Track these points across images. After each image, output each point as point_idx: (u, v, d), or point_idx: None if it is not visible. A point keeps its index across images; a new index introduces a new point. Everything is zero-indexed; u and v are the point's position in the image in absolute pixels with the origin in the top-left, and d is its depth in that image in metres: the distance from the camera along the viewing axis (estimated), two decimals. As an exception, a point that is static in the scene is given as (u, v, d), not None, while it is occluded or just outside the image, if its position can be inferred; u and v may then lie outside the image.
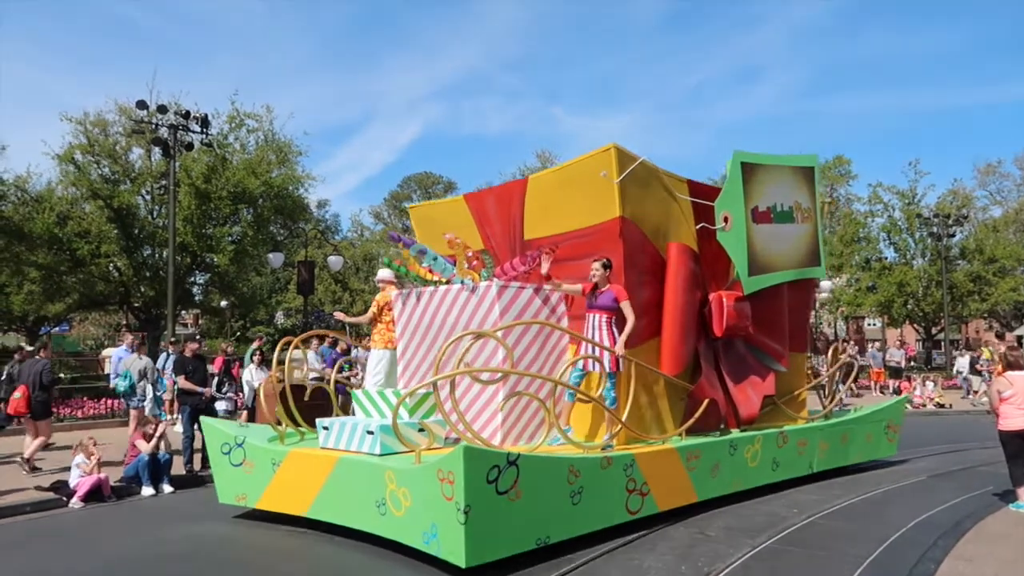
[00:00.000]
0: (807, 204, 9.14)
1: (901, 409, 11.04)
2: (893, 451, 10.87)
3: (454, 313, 7.64)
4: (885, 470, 10.17)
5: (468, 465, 5.26)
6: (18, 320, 30.59)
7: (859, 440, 10.13)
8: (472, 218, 8.85)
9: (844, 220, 38.72)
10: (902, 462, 10.72)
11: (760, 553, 6.05)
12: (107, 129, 24.71)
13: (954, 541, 6.36)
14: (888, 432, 10.69)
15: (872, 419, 10.42)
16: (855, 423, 10.10)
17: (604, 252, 7.43)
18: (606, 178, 7.16)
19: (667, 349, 7.68)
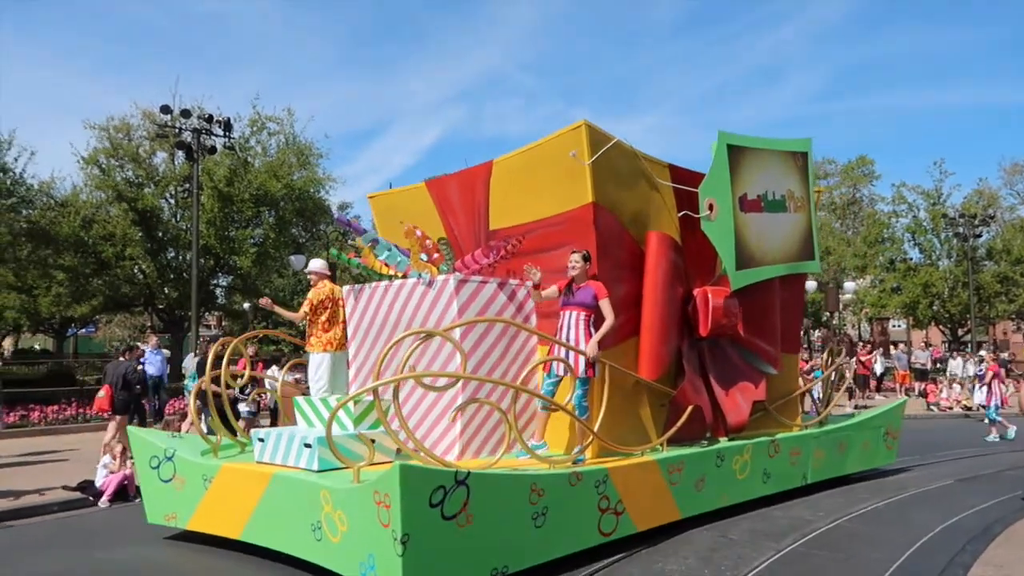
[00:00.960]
0: (800, 192, 8.41)
1: (900, 414, 10.32)
2: (892, 459, 10.16)
3: (409, 310, 6.87)
4: (910, 474, 9.93)
5: (406, 486, 4.49)
6: (45, 321, 31.61)
7: (856, 448, 9.41)
8: (435, 206, 8.08)
9: (867, 221, 38.21)
10: (928, 465, 10.48)
11: (784, 557, 5.94)
12: (131, 133, 25.40)
13: (983, 546, 6.17)
14: (887, 439, 9.98)
15: (870, 425, 9.70)
16: (852, 430, 9.37)
17: (575, 242, 6.67)
18: (576, 159, 6.41)
19: (646, 350, 6.92)
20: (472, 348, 6.50)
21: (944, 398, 20.39)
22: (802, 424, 8.81)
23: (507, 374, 6.70)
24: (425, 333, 5.67)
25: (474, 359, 6.51)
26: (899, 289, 35.31)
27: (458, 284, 6.51)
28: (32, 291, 26.60)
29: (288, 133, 26.70)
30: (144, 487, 7.06)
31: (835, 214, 40.58)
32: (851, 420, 9.58)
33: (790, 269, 8.27)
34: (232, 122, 20.71)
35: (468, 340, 6.49)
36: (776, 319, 8.26)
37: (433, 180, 8.10)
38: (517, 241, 6.87)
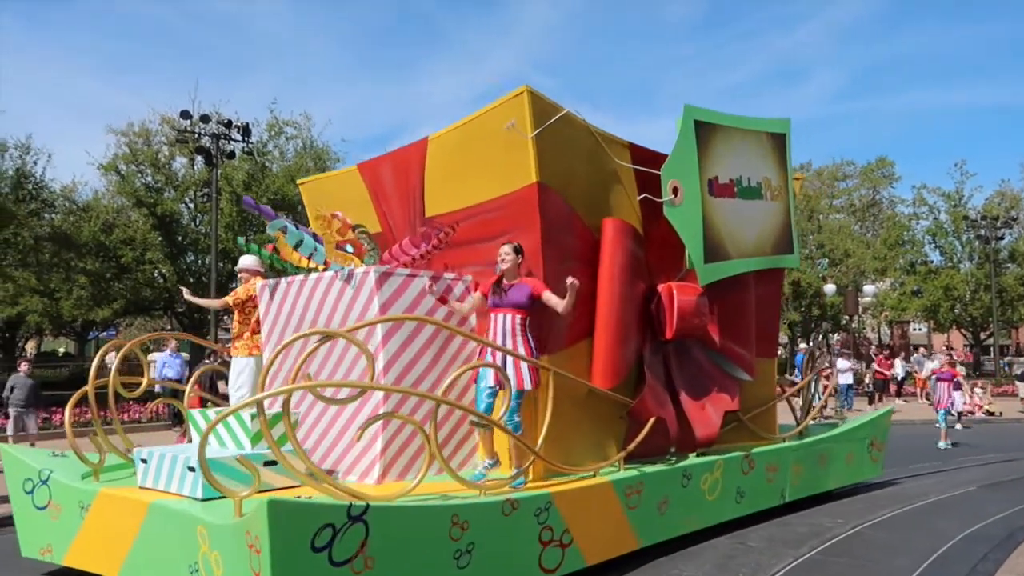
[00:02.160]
0: (777, 178, 7.56)
1: (886, 423, 9.50)
2: (878, 472, 9.34)
3: (327, 309, 5.94)
4: (931, 480, 9.78)
5: (277, 526, 3.56)
6: (67, 325, 31.77)
7: (839, 461, 8.57)
8: (367, 192, 7.15)
9: (887, 223, 37.69)
10: (949, 471, 10.35)
11: (802, 564, 5.88)
12: (150, 139, 25.76)
13: (1006, 554, 6.04)
14: (871, 451, 9.15)
15: (854, 436, 8.87)
16: (834, 442, 8.53)
17: (518, 229, 5.77)
18: (515, 131, 5.50)
19: (601, 355, 6.03)
20: (396, 353, 5.59)
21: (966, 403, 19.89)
22: (780, 436, 7.95)
23: (439, 385, 5.77)
24: (323, 334, 4.72)
25: (398, 366, 5.59)
26: (920, 292, 34.94)
27: (380, 278, 5.58)
28: (54, 294, 26.70)
29: (305, 138, 27.27)
30: (17, 515, 6.05)
31: (854, 216, 40.13)
32: (833, 431, 8.74)
33: (766, 263, 7.41)
34: (250, 127, 21.21)
35: (392, 343, 5.57)
36: (751, 319, 7.40)
37: (366, 163, 7.17)
38: (450, 229, 5.96)
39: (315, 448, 5.88)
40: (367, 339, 5.59)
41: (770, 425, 7.91)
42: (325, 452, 5.82)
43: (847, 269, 34.95)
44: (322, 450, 5.85)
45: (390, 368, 5.55)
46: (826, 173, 40.82)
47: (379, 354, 5.52)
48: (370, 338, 5.58)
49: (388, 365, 5.55)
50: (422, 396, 5.02)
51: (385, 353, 5.54)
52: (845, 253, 35.46)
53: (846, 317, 29.95)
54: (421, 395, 5.03)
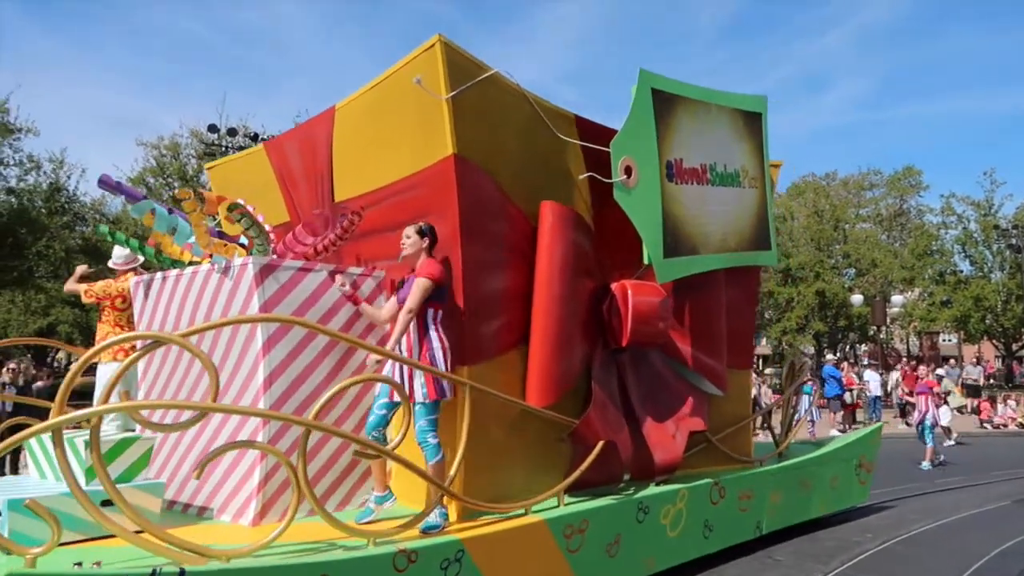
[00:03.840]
0: (753, 164, 6.59)
1: (875, 442, 8.52)
2: (865, 496, 8.35)
3: (203, 308, 4.89)
4: (964, 494, 9.55)
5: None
6: None
7: (823, 486, 7.58)
8: (274, 175, 6.13)
9: (915, 232, 36.93)
10: (982, 485, 10.15)
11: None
12: (179, 152, 26.34)
13: None
14: (859, 472, 8.17)
15: (839, 457, 7.88)
16: (818, 464, 7.54)
17: (436, 213, 4.76)
18: (429, 94, 4.49)
19: (537, 366, 5.00)
20: (281, 364, 4.54)
21: (998, 416, 19.07)
22: (755, 459, 6.95)
23: (337, 408, 4.75)
24: (152, 338, 3.65)
25: (284, 380, 4.55)
26: (949, 302, 33.99)
27: (262, 271, 4.54)
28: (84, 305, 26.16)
29: None
30: None
31: (881, 226, 39.46)
32: (816, 452, 7.75)
33: (739, 260, 6.42)
34: None
35: (276, 352, 4.52)
36: (721, 324, 6.41)
37: (272, 140, 6.13)
38: (356, 215, 4.93)
39: (186, 481, 4.83)
40: (246, 346, 4.56)
41: (744, 446, 6.91)
42: (197, 486, 4.76)
43: (874, 279, 34.23)
44: (193, 483, 4.79)
45: (273, 382, 4.51)
46: (852, 182, 40.27)
47: (259, 365, 4.48)
48: (249, 345, 4.54)
49: (271, 379, 4.50)
50: (283, 419, 3.99)
51: (267, 364, 4.49)
52: (872, 263, 34.81)
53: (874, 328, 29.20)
54: (283, 418, 3.99)
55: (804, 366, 7.88)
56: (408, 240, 4.59)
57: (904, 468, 12.01)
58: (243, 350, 4.58)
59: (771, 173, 7.05)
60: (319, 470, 4.69)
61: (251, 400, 4.52)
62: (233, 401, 4.63)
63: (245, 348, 4.57)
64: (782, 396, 8.28)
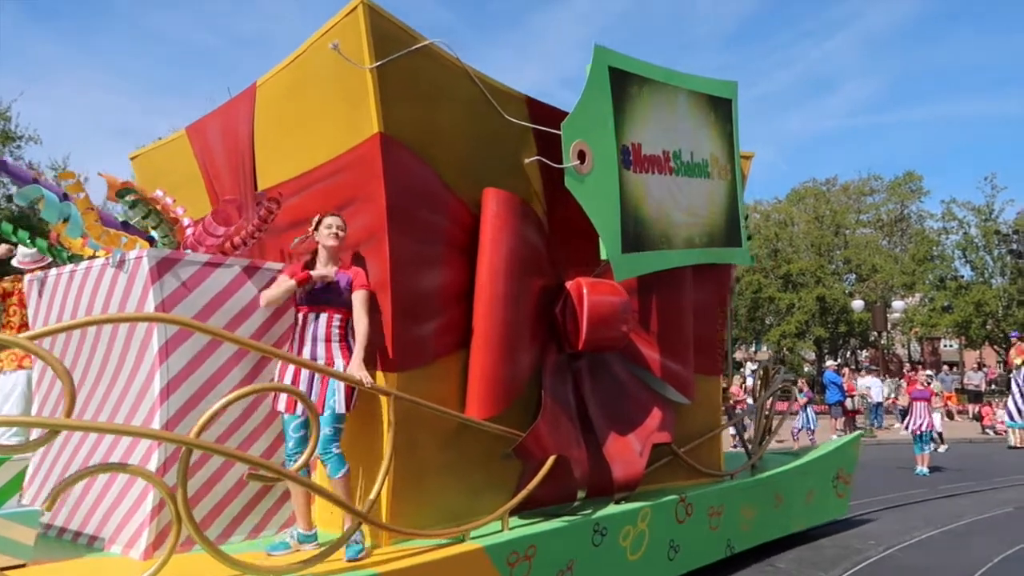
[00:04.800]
0: (723, 154, 6.11)
1: (854, 452, 8.07)
2: (844, 510, 7.90)
3: (97, 309, 4.31)
4: (967, 500, 9.55)
5: None
6: None
7: (798, 500, 7.10)
8: (196, 163, 5.55)
9: (916, 238, 36.76)
10: (986, 491, 10.14)
11: None
12: None
13: None
14: (837, 484, 7.71)
15: (816, 469, 7.41)
16: (793, 477, 7.07)
17: (361, 201, 4.23)
18: (340, 56, 3.95)
19: (478, 373, 4.46)
20: (182, 373, 3.97)
21: (1001, 421, 18.80)
22: (725, 472, 6.46)
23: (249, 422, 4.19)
24: None
25: (185, 391, 3.98)
26: (950, 308, 33.81)
27: (159, 265, 3.96)
28: None
29: None
30: None
31: (882, 231, 39.32)
32: (792, 463, 7.27)
33: (708, 257, 5.94)
34: None
35: (176, 358, 3.95)
36: (688, 327, 5.91)
37: (195, 124, 5.55)
38: (273, 202, 4.38)
39: (77, 505, 4.24)
40: (142, 352, 3.99)
41: (713, 459, 6.42)
42: (88, 511, 4.18)
43: (875, 284, 34.05)
44: (85, 508, 4.20)
45: (172, 392, 3.94)
46: (852, 188, 40.21)
47: (155, 374, 3.91)
48: (145, 350, 3.97)
49: (169, 389, 3.93)
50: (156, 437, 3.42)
51: (165, 372, 3.92)
52: (873, 268, 34.62)
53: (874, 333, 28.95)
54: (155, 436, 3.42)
55: (779, 372, 7.39)
56: (342, 233, 4.10)
57: (906, 474, 12.00)
58: (138, 356, 4.01)
59: (742, 165, 6.58)
60: (228, 493, 4.12)
61: (146, 414, 3.95)
62: (127, 415, 4.06)
63: (141, 354, 4.00)
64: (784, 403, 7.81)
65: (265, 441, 4.27)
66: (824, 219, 38.03)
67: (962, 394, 23.50)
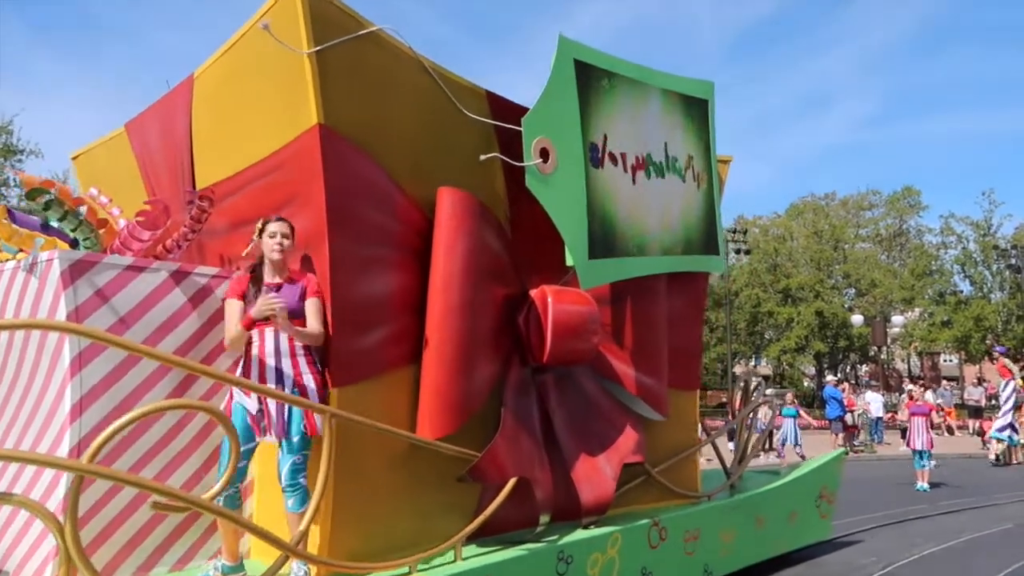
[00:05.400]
0: (699, 157, 5.81)
1: (837, 470, 7.74)
2: (827, 531, 7.55)
3: (8, 315, 3.91)
4: (968, 516, 9.52)
5: None
6: None
7: (780, 521, 6.76)
8: (135, 161, 5.18)
9: (915, 253, 36.85)
10: (986, 508, 10.11)
11: None
12: None
13: None
14: (820, 504, 7.37)
15: (797, 489, 7.07)
16: (773, 497, 6.72)
17: (301, 199, 3.87)
18: (275, 39, 3.61)
19: (431, 389, 4.10)
20: (96, 389, 3.58)
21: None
22: (701, 493, 6.11)
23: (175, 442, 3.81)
24: None
25: (98, 408, 3.58)
26: (950, 323, 33.93)
27: (72, 269, 3.58)
28: None
29: None
30: None
31: (881, 246, 39.26)
32: (773, 483, 6.93)
33: (683, 264, 5.61)
34: None
35: (89, 372, 3.56)
36: (662, 338, 5.57)
37: (134, 119, 5.18)
38: (206, 201, 4.01)
39: (-19, 533, 3.83)
40: (53, 364, 3.60)
41: (689, 479, 6.06)
42: (-7, 539, 3.77)
43: (874, 299, 33.96)
44: (-10, 536, 3.79)
45: (85, 410, 3.55)
46: (851, 202, 40.24)
47: (66, 389, 3.52)
48: (56, 362, 3.58)
49: (82, 406, 3.54)
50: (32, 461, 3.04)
51: (77, 387, 3.53)
52: (872, 283, 34.48)
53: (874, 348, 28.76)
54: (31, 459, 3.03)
55: (759, 386, 7.07)
56: (287, 242, 3.74)
57: (906, 490, 11.93)
58: (49, 369, 3.63)
59: (720, 169, 6.27)
60: (149, 521, 3.72)
61: (56, 432, 3.56)
62: (37, 434, 3.67)
63: (52, 366, 3.61)
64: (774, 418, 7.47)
65: (193, 464, 3.87)
66: (823, 234, 38.09)
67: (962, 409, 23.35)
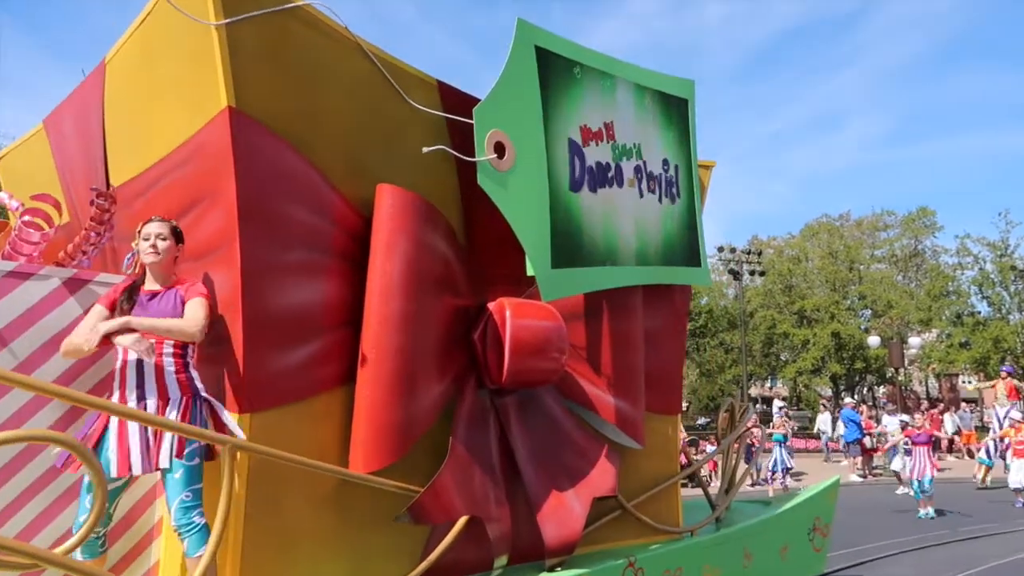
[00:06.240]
0: (680, 161, 5.33)
1: (831, 500, 7.19)
2: (822, 565, 6.99)
3: None
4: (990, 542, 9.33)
5: None
6: None
7: (770, 556, 6.21)
8: (52, 161, 4.67)
9: (931, 273, 36.57)
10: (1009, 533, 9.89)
11: None
12: None
13: None
14: (813, 537, 6.81)
15: (788, 522, 6.52)
16: (763, 530, 6.18)
17: (212, 196, 3.36)
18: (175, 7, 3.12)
19: (363, 415, 3.56)
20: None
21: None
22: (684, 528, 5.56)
23: (17, 479, 3.27)
24: None
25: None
26: (968, 344, 33.43)
27: (-64, 274, 3.06)
28: None
29: None
30: None
31: (896, 267, 39.00)
32: (762, 515, 6.38)
33: (661, 276, 5.11)
34: None
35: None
36: (638, 357, 5.04)
37: (51, 114, 4.67)
38: (104, 200, 3.51)
39: None
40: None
41: (669, 513, 5.51)
42: None
43: (891, 320, 33.60)
44: None
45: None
46: (866, 223, 39.97)
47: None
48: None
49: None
50: None
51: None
52: (888, 304, 34.15)
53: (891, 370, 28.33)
54: None
55: (746, 411, 6.55)
56: (161, 244, 3.23)
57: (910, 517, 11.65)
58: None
59: (702, 175, 5.80)
60: None
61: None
62: None
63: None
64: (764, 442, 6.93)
65: (36, 507, 3.30)
66: (838, 254, 37.79)
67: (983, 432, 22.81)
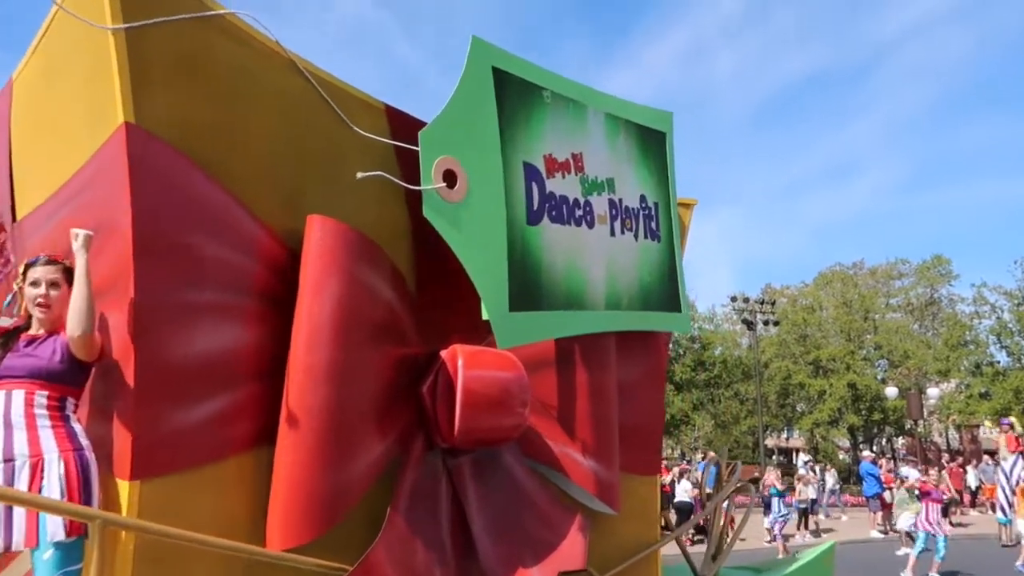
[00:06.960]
0: (657, 198, 4.94)
1: (827, 567, 6.64)
2: (820, 640, 6.42)
3: None
4: None
5: None
6: None
7: (763, 632, 5.65)
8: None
9: (948, 323, 36.21)
10: None
11: None
12: None
13: None
14: (811, 608, 6.26)
15: (784, 592, 5.99)
16: (755, 604, 5.63)
17: (108, 225, 2.93)
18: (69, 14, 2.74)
19: (284, 480, 3.07)
20: None
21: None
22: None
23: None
24: None
25: None
26: (988, 395, 32.94)
27: None
28: None
29: None
30: None
31: (912, 316, 38.50)
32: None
33: (636, 322, 4.66)
34: None
35: None
36: (611, 412, 4.56)
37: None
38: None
39: None
40: None
41: (649, 585, 4.98)
42: None
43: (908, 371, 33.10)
44: None
45: None
46: (880, 272, 39.65)
47: None
48: None
49: None
50: None
51: None
52: (904, 354, 33.63)
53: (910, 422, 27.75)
54: None
55: (735, 468, 6.04)
56: (55, 293, 2.87)
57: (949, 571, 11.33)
58: None
59: (682, 214, 5.40)
60: None
61: None
62: None
63: None
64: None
65: None
66: (852, 303, 37.41)
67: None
